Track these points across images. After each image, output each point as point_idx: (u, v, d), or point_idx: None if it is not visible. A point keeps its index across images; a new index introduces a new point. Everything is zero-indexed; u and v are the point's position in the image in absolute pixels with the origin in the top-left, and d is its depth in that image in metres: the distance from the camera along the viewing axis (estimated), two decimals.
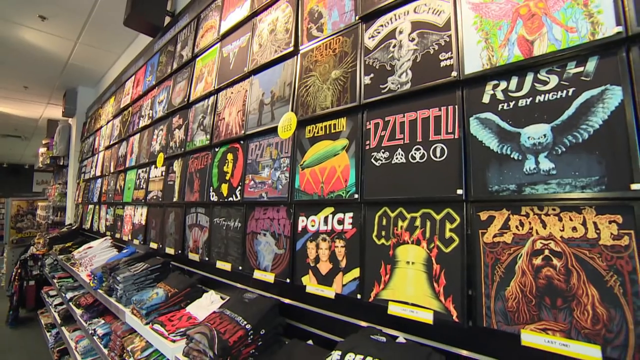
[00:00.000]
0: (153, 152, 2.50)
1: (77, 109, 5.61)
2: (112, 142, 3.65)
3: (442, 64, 0.96)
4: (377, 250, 1.03)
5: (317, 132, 1.27)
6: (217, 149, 1.75)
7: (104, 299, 2.08)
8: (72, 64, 4.81)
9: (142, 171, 2.66)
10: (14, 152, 12.78)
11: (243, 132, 1.57)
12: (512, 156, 0.80)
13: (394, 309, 0.96)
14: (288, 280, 1.29)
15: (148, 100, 2.84)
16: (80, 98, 5.63)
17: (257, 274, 1.41)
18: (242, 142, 1.58)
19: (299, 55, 1.41)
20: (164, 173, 2.28)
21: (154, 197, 2.36)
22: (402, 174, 1.00)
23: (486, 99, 0.86)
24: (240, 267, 1.48)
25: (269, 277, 1.36)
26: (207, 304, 1.65)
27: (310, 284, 1.22)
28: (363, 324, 1.09)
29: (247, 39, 1.71)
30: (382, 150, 1.06)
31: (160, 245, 2.20)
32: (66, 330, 3.30)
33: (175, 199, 2.07)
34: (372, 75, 1.12)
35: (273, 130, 1.43)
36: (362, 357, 0.87)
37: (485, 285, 0.81)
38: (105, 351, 2.12)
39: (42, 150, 7.30)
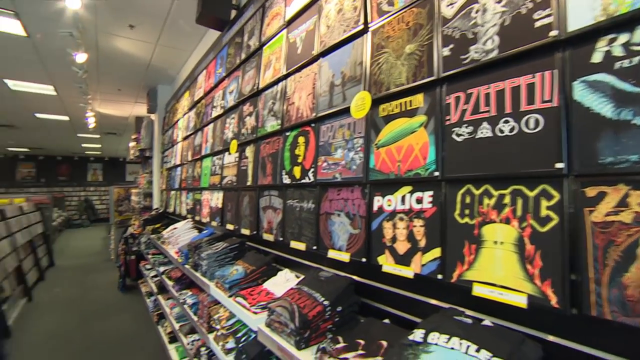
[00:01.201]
0: (226, 140, 2.67)
1: (158, 105, 6.21)
2: (188, 133, 3.98)
3: (537, 24, 0.86)
4: (460, 230, 0.99)
5: (392, 110, 1.23)
6: (288, 133, 1.81)
7: (191, 273, 2.31)
8: (153, 65, 5.31)
9: (217, 158, 2.87)
10: (112, 147, 14.67)
11: (314, 114, 1.60)
12: (633, 122, 0.69)
13: (479, 291, 0.92)
14: (364, 260, 1.30)
15: (219, 91, 3.02)
16: (159, 95, 6.22)
17: (332, 254, 1.44)
18: (313, 124, 1.61)
19: (370, 32, 1.38)
20: (237, 159, 2.43)
21: (229, 182, 2.54)
22: (488, 149, 0.93)
23: (597, 57, 0.75)
24: (314, 247, 1.53)
25: (344, 257, 1.38)
26: (282, 281, 1.75)
27: (387, 264, 1.21)
28: (443, 305, 1.06)
29: (314, 22, 1.72)
30: (465, 125, 0.99)
31: (236, 227, 2.36)
32: (162, 298, 3.77)
33: (248, 183, 2.20)
34: (451, 46, 1.05)
35: (345, 111, 1.43)
36: (447, 336, 0.85)
37: (594, 269, 0.73)
38: (195, 318, 2.37)
39: (132, 144, 8.28)
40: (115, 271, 6.47)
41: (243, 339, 1.71)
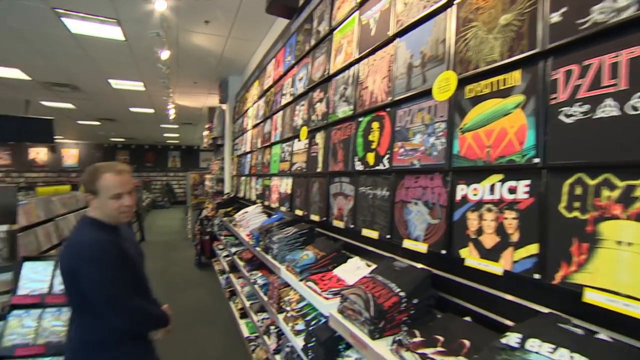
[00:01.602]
0: (296, 127, 2.71)
1: (229, 96, 6.56)
2: (258, 121, 4.14)
3: None
4: (566, 225, 0.86)
5: (481, 91, 1.12)
6: (360, 119, 1.77)
7: (261, 255, 2.42)
8: (224, 57, 5.60)
9: (286, 145, 2.94)
10: (188, 136, 16.04)
11: (390, 99, 1.52)
12: None
13: (593, 298, 0.79)
14: (443, 252, 1.22)
15: (288, 79, 3.07)
16: (230, 86, 6.56)
17: (407, 244, 1.38)
18: (388, 109, 1.54)
19: (454, 5, 1.25)
20: (307, 145, 2.45)
21: (298, 168, 2.58)
22: (612, 130, 0.78)
23: None
24: (388, 236, 1.49)
25: (421, 247, 1.31)
26: (353, 269, 1.73)
27: (471, 257, 1.12)
28: (539, 308, 0.95)
29: (389, 0, 1.62)
30: (578, 104, 0.85)
31: (305, 212, 2.41)
32: (233, 276, 4.05)
33: (319, 170, 2.21)
34: (563, 9, 0.90)
35: (425, 94, 1.34)
36: (552, 346, 0.75)
37: None
38: (265, 298, 2.49)
39: (205, 133, 8.91)
40: (191, 249, 7.13)
41: (313, 322, 1.75)
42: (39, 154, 16.68)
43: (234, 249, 3.98)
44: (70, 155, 17.38)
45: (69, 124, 12.06)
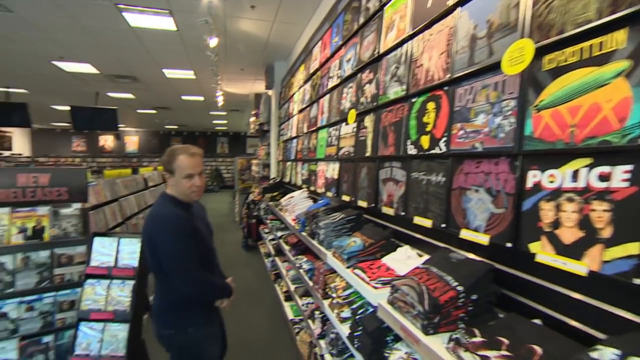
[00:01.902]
0: (343, 110, 2.63)
1: (275, 81, 6.60)
2: (304, 106, 4.11)
3: None
4: None
5: (565, 60, 0.95)
6: (414, 99, 1.64)
7: (307, 240, 2.42)
8: (270, 42, 5.60)
9: (333, 129, 2.88)
10: (235, 122, 16.60)
11: (448, 76, 1.38)
12: None
13: None
14: (509, 245, 1.10)
15: (335, 61, 2.97)
16: (276, 71, 6.58)
17: (465, 234, 1.27)
18: (446, 87, 1.40)
19: None
20: (355, 129, 2.37)
21: (346, 153, 2.51)
22: None
23: None
24: (443, 225, 1.38)
25: (482, 239, 1.20)
26: (403, 258, 1.65)
27: (544, 253, 0.99)
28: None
29: None
30: None
31: (353, 198, 2.35)
32: (278, 260, 4.14)
33: (367, 154, 2.13)
34: None
35: (491, 69, 1.19)
36: None
37: None
38: (310, 283, 2.50)
39: (252, 119, 9.12)
40: (239, 231, 7.43)
41: (360, 311, 1.70)
42: (107, 141, 18.34)
43: (279, 233, 4.05)
44: (132, 142, 18.87)
45: (130, 113, 13.02)
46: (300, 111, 4.33)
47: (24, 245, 2.15)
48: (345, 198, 2.47)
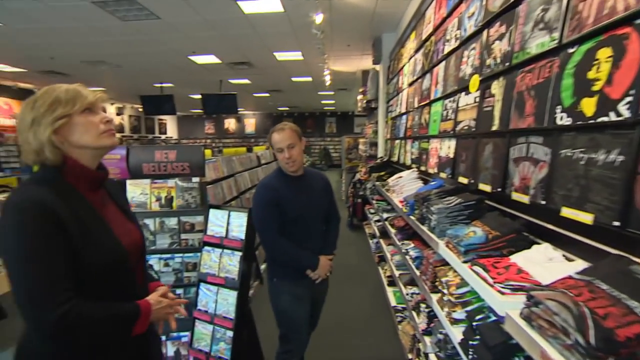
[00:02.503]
0: (463, 77, 2.22)
1: (383, 55, 6.25)
2: (414, 78, 3.72)
3: None
4: None
5: None
6: (572, 49, 1.20)
7: (416, 225, 2.18)
8: (377, 13, 5.26)
9: (449, 101, 2.49)
10: (342, 102, 16.76)
11: None
12: None
13: None
14: None
15: (453, 20, 2.53)
16: (384, 44, 6.22)
17: None
18: (639, 21, 0.95)
19: None
20: (477, 99, 1.96)
21: (465, 128, 2.13)
22: None
23: None
24: (617, 223, 0.98)
25: None
26: (541, 260, 1.28)
27: None
28: None
29: None
30: None
31: (471, 180, 1.98)
32: (383, 242, 3.99)
33: (494, 128, 1.73)
34: None
35: None
36: None
37: None
38: (417, 272, 2.27)
39: (359, 97, 8.96)
40: (344, 210, 7.51)
41: (478, 317, 1.42)
42: (230, 124, 20.91)
43: (385, 215, 3.87)
44: (250, 124, 21.03)
45: (248, 97, 14.37)
46: (411, 84, 3.95)
47: (159, 211, 2.55)
48: (463, 180, 2.11)
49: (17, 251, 0.85)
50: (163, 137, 19.51)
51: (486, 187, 1.80)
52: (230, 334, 2.09)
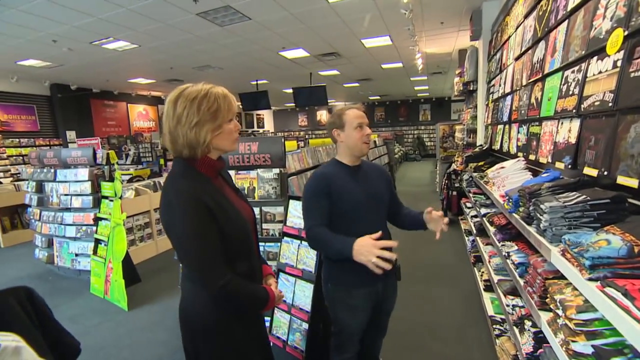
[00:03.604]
0: (596, 37, 1.71)
1: (483, 28, 5.49)
2: (524, 49, 3.11)
3: None
4: None
5: None
6: None
7: (520, 225, 1.80)
8: None
9: (572, 71, 1.96)
10: (437, 87, 15.58)
11: None
12: None
13: None
14: None
15: None
16: (484, 15, 5.45)
17: None
18: None
19: None
20: (619, 62, 1.47)
21: (595, 103, 1.64)
22: None
23: None
24: None
25: None
26: None
27: None
28: None
29: None
30: None
31: (604, 172, 1.51)
32: (480, 241, 3.51)
33: None
34: None
35: None
36: None
37: None
38: (520, 281, 1.88)
39: (456, 80, 8.14)
40: (438, 203, 6.94)
41: (613, 351, 1.06)
42: (322, 115, 21.42)
43: (483, 210, 3.38)
44: None
45: (337, 88, 14.43)
46: (518, 58, 3.33)
47: None
48: (590, 171, 1.64)
49: (190, 231, 1.07)
50: (261, 130, 21.14)
51: (630, 182, 1.34)
52: (305, 326, 2.06)
